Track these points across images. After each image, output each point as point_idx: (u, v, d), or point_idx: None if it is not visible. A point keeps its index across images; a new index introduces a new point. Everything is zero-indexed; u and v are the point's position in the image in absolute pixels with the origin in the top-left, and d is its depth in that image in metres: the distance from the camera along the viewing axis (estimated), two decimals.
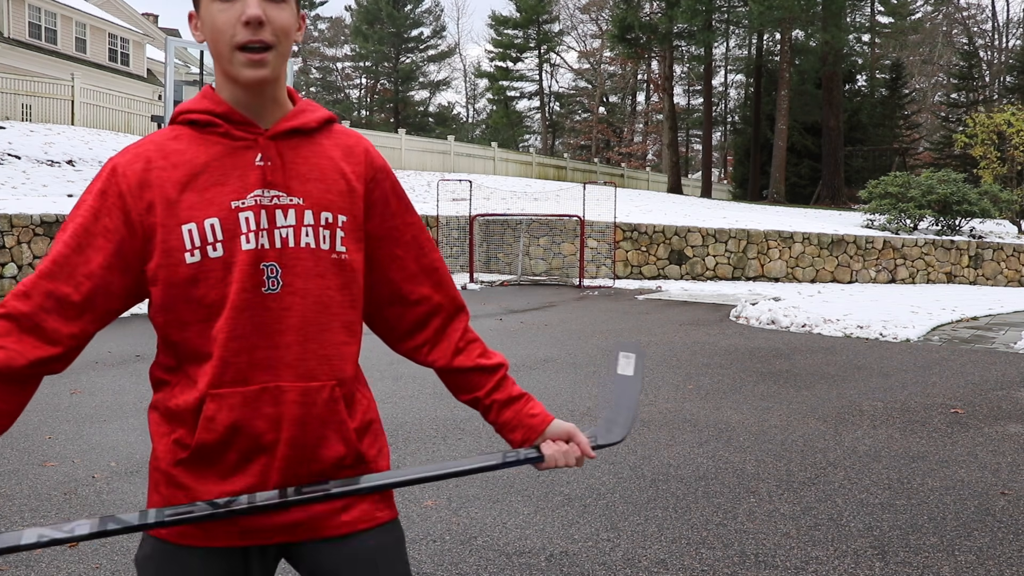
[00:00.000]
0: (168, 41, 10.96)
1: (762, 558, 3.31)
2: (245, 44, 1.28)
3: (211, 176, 1.32)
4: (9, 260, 10.09)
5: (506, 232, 17.73)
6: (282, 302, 1.32)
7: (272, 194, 1.33)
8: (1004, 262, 16.76)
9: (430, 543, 3.41)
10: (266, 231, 1.32)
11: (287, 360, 1.32)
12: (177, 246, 1.29)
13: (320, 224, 1.35)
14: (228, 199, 1.31)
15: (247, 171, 1.33)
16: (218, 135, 1.34)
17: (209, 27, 1.31)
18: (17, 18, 25.64)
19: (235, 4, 1.28)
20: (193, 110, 1.36)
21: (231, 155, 1.33)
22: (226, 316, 1.30)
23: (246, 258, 1.30)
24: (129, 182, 1.30)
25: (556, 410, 5.70)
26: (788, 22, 33.54)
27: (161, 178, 1.30)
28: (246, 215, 1.31)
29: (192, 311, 1.31)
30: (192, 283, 1.30)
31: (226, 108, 1.34)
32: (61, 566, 3.15)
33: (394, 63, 56.40)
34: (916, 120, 49.54)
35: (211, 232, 1.30)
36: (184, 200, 1.30)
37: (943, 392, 6.46)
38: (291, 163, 1.36)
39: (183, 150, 1.33)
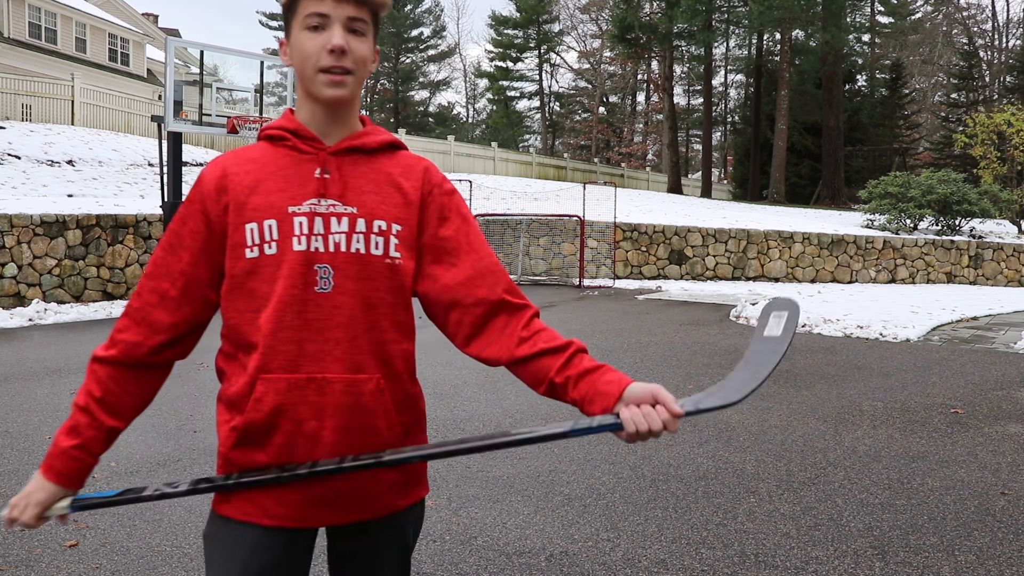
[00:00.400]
0: (168, 41, 10.95)
1: (762, 558, 3.31)
2: (329, 68, 1.46)
3: (275, 183, 1.48)
4: (9, 260, 10.09)
5: (506, 232, 17.73)
6: (333, 300, 1.45)
7: (328, 203, 1.47)
8: (1004, 262, 16.76)
9: (430, 543, 3.41)
10: (320, 235, 1.46)
11: (336, 354, 1.44)
12: (240, 242, 1.46)
13: (372, 232, 1.48)
14: (286, 204, 1.46)
15: (307, 181, 1.48)
16: (287, 148, 1.51)
17: (298, 52, 1.49)
18: (17, 18, 25.64)
19: (322, 34, 1.47)
20: (271, 127, 1.55)
21: (295, 165, 1.49)
22: (272, 308, 1.44)
23: (296, 258, 1.44)
24: (209, 188, 1.49)
25: (556, 410, 5.70)
26: (788, 22, 33.54)
27: (234, 183, 1.48)
28: (299, 219, 1.46)
29: (246, 301, 1.46)
30: (249, 275, 1.46)
31: (297, 125, 1.51)
32: (61, 566, 3.15)
33: (394, 63, 56.41)
34: (916, 120, 49.54)
35: (268, 232, 1.45)
36: (250, 202, 1.47)
37: (943, 392, 6.46)
38: (349, 176, 1.50)
39: (256, 159, 1.51)
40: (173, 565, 3.18)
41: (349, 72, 1.47)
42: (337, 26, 1.47)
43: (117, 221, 11.21)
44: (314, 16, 1.47)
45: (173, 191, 11.14)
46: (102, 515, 3.67)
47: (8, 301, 10.01)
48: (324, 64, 1.46)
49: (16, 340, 8.28)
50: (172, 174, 11.14)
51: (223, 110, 11.55)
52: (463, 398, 6.00)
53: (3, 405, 5.62)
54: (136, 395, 1.54)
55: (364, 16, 1.50)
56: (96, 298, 10.91)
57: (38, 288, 10.33)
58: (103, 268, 11.00)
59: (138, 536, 3.45)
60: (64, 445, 1.49)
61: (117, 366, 1.51)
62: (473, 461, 4.52)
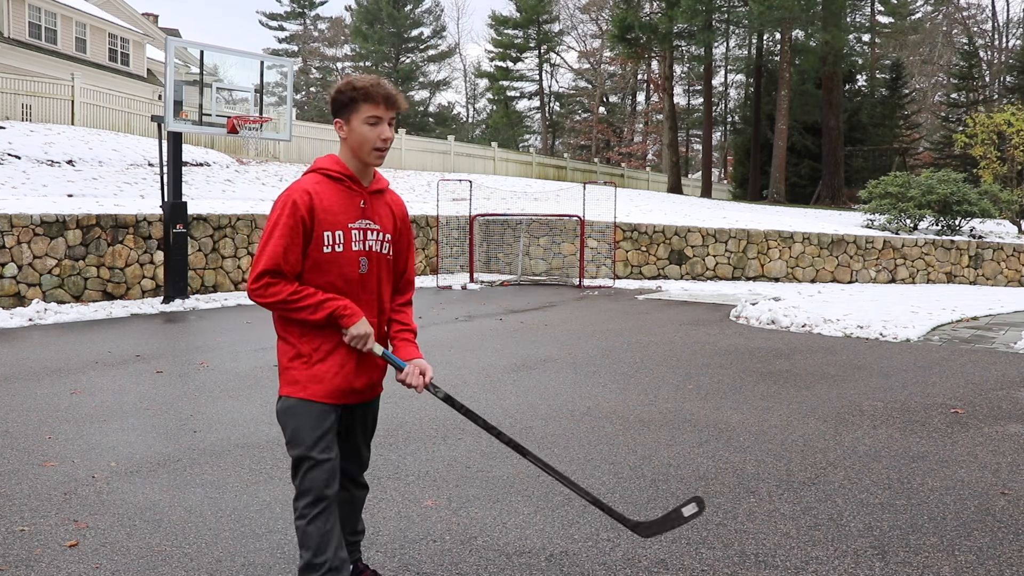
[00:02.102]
0: (168, 41, 10.94)
1: (762, 558, 3.31)
2: (380, 148, 2.63)
3: (339, 208, 2.62)
4: (9, 260, 10.09)
5: (506, 232, 17.73)
6: (368, 277, 2.68)
7: (367, 222, 2.67)
8: (1004, 262, 16.76)
9: (430, 543, 3.41)
10: (363, 241, 2.66)
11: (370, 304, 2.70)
12: (319, 241, 2.58)
13: (384, 240, 2.72)
14: (346, 222, 2.62)
15: (356, 208, 2.65)
16: (344, 186, 2.65)
17: (359, 135, 2.60)
18: (17, 18, 25.63)
19: (376, 128, 2.60)
20: (331, 169, 2.65)
21: (349, 198, 2.65)
22: (340, 281, 2.62)
23: (353, 255, 2.64)
24: (305, 206, 2.56)
25: (556, 410, 5.70)
26: (788, 22, 33.53)
27: (316, 204, 2.58)
28: (354, 231, 2.64)
29: (321, 275, 2.60)
30: (326, 261, 2.60)
31: (350, 172, 2.66)
32: (61, 566, 3.15)
33: (394, 63, 56.39)
34: (916, 120, 49.54)
35: (336, 237, 2.60)
36: (326, 218, 2.58)
37: (943, 392, 6.46)
38: (376, 207, 2.71)
39: (326, 192, 2.61)
40: (173, 565, 3.18)
41: (388, 150, 2.65)
42: (385, 124, 2.61)
43: (117, 221, 11.21)
44: (372, 117, 2.59)
45: (173, 191, 11.14)
46: (102, 515, 3.67)
47: (8, 301, 10.01)
48: (378, 146, 2.61)
49: (16, 340, 8.28)
50: (172, 174, 11.13)
51: (223, 110, 11.54)
52: (463, 398, 6.00)
53: (3, 405, 5.62)
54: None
55: (395, 114, 2.64)
56: (96, 298, 10.91)
57: (38, 288, 10.33)
58: (103, 268, 11.00)
59: (138, 536, 3.45)
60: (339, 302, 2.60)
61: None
62: (473, 461, 4.52)
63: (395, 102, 2.59)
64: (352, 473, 2.84)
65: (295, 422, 2.57)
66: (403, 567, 3.18)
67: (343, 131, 2.61)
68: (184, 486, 4.06)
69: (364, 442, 2.86)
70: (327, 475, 2.57)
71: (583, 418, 5.50)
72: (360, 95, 2.56)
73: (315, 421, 2.57)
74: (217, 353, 7.69)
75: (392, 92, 2.59)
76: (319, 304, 2.54)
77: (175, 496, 3.92)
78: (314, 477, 2.55)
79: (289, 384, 2.60)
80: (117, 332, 8.90)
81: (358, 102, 2.56)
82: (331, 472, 2.58)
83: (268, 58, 12.06)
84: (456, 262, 16.97)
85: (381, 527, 3.57)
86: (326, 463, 2.57)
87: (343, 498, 2.82)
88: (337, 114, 2.61)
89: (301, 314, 2.54)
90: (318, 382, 2.58)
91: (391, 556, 3.28)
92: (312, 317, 2.54)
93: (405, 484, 4.13)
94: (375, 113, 2.56)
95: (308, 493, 2.56)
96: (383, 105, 2.57)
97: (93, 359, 7.30)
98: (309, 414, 2.57)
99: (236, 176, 19.82)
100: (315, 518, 2.55)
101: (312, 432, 2.56)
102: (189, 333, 9.11)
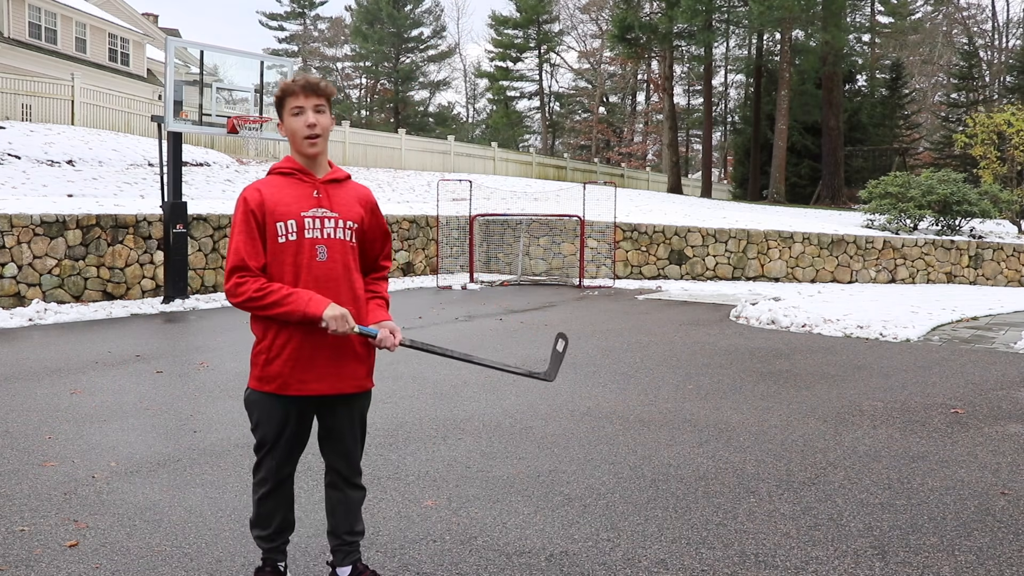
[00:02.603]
0: (168, 41, 10.94)
1: (762, 558, 3.31)
2: (308, 136, 2.71)
3: (291, 199, 2.71)
4: (9, 260, 10.09)
5: (506, 232, 17.73)
6: (330, 264, 2.72)
7: (322, 211, 2.73)
8: (1004, 262, 16.76)
9: (430, 543, 3.41)
10: (319, 228, 2.71)
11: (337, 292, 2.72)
12: (273, 233, 2.68)
13: (346, 227, 2.76)
14: (299, 211, 2.70)
15: (309, 197, 2.74)
16: (295, 179, 2.75)
17: (290, 128, 2.73)
18: (17, 18, 25.63)
19: (300, 116, 2.71)
20: (281, 167, 2.78)
21: (301, 188, 2.74)
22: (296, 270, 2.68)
23: (307, 243, 2.70)
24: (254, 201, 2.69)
25: (556, 410, 5.71)
26: (788, 22, 33.53)
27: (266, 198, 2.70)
28: (307, 219, 2.70)
29: (279, 266, 2.69)
30: (281, 251, 2.68)
31: (299, 166, 2.77)
32: (61, 566, 3.15)
33: (394, 63, 56.38)
34: (916, 120, 49.54)
35: (289, 226, 2.68)
36: (277, 209, 2.68)
37: (943, 392, 6.46)
38: (333, 196, 2.78)
39: (277, 186, 2.74)
40: (173, 565, 3.18)
41: (318, 136, 2.72)
42: (309, 111, 2.70)
43: (117, 221, 11.21)
44: (295, 108, 2.71)
45: (173, 191, 11.14)
46: (102, 515, 3.67)
47: (8, 301, 10.01)
48: (306, 134, 2.70)
49: (16, 340, 8.28)
50: (172, 174, 11.13)
51: (223, 110, 11.54)
52: (463, 398, 6.00)
53: (3, 405, 5.62)
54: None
55: (322, 102, 2.72)
56: (96, 298, 10.91)
57: (38, 288, 10.33)
58: (103, 268, 11.00)
59: (138, 536, 3.44)
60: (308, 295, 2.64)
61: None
62: (473, 461, 4.52)
63: (315, 88, 2.69)
64: (344, 472, 2.87)
65: (258, 413, 2.76)
66: (403, 567, 3.18)
67: (282, 130, 2.76)
68: (184, 486, 4.06)
69: (351, 440, 2.86)
70: (278, 463, 2.78)
71: (583, 418, 5.50)
72: (283, 91, 2.71)
73: (274, 414, 2.73)
74: (217, 353, 7.69)
75: (311, 80, 2.70)
76: (284, 298, 2.60)
77: (175, 496, 3.92)
78: (268, 465, 2.79)
79: (254, 377, 2.75)
80: (117, 332, 8.90)
81: (284, 98, 2.71)
82: (283, 460, 2.79)
83: (268, 58, 12.06)
84: (456, 262, 16.96)
85: (381, 527, 3.57)
86: (282, 453, 2.78)
87: (337, 498, 2.88)
88: (278, 117, 2.78)
89: (269, 310, 2.62)
90: (275, 378, 2.70)
91: (391, 556, 3.28)
92: (279, 311, 2.61)
93: (405, 484, 4.13)
94: (296, 103, 2.69)
95: (260, 471, 2.82)
96: (302, 94, 2.68)
97: (93, 359, 7.30)
98: (271, 407, 2.73)
99: (236, 176, 19.82)
100: (263, 497, 2.82)
101: (272, 424, 2.74)
102: (189, 333, 9.11)
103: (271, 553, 2.92)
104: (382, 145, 28.26)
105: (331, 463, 2.87)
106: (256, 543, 2.95)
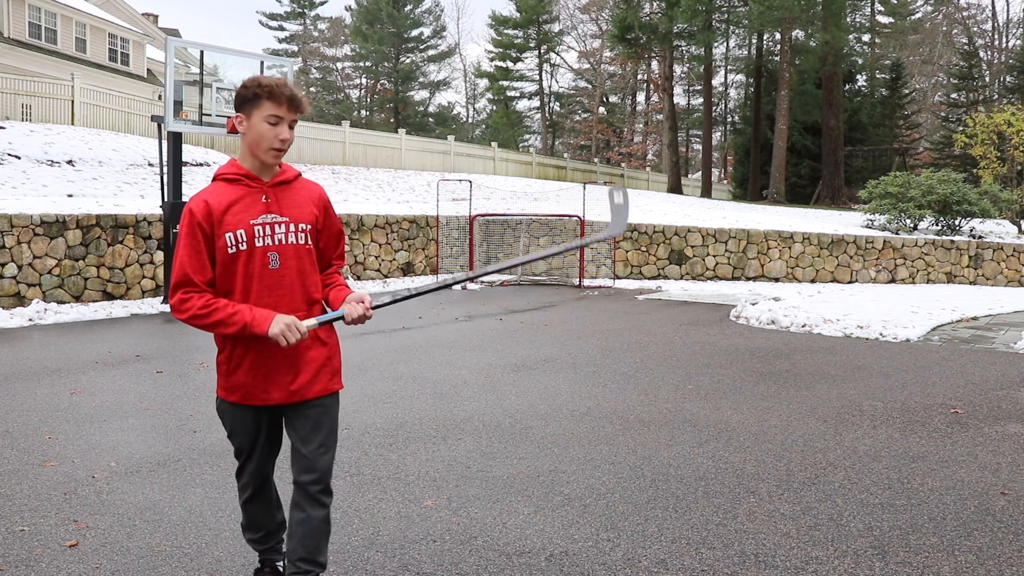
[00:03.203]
0: (168, 41, 10.94)
1: (762, 558, 3.31)
2: (278, 148, 2.58)
3: (240, 206, 2.57)
4: (9, 260, 10.09)
5: (506, 232, 17.73)
6: (283, 271, 2.60)
7: (271, 217, 2.59)
8: (1004, 262, 16.76)
9: (430, 543, 3.41)
10: (270, 236, 2.58)
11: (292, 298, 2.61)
12: (223, 244, 2.54)
13: (299, 231, 2.63)
14: (248, 219, 2.56)
15: (258, 204, 2.59)
16: (242, 186, 2.60)
17: (257, 133, 2.56)
18: (17, 18, 25.63)
19: (276, 127, 2.55)
20: (227, 172, 2.62)
21: (249, 195, 2.60)
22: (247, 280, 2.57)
23: (258, 251, 2.56)
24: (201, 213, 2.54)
25: (556, 410, 5.70)
26: (788, 22, 33.54)
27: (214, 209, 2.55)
28: (257, 227, 2.56)
29: (229, 276, 2.56)
30: (232, 262, 2.55)
31: (245, 171, 2.62)
32: (61, 566, 3.15)
33: (394, 63, 56.37)
34: (916, 120, 49.55)
35: (239, 236, 2.55)
36: (226, 220, 2.54)
37: (943, 392, 6.46)
38: (282, 199, 2.64)
39: (224, 195, 2.58)
40: (173, 565, 3.18)
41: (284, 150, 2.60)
42: (285, 125, 2.56)
43: (117, 221, 11.21)
44: (273, 116, 2.54)
45: (173, 191, 11.13)
46: (102, 515, 3.67)
47: (8, 301, 10.01)
48: (276, 146, 2.57)
49: (16, 340, 8.28)
50: (172, 174, 11.13)
51: (223, 110, 11.53)
52: (463, 398, 6.00)
53: (3, 405, 5.62)
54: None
55: (296, 118, 2.60)
56: (96, 298, 10.91)
57: (38, 288, 10.33)
58: (103, 268, 11.00)
59: (138, 536, 3.44)
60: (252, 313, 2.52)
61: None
62: (473, 461, 4.52)
63: (299, 105, 2.57)
64: (306, 486, 2.63)
65: (228, 421, 2.76)
66: (403, 567, 3.18)
67: (243, 126, 2.58)
68: (184, 486, 4.06)
69: (313, 449, 2.65)
70: (257, 466, 2.79)
71: (583, 418, 5.50)
72: (265, 92, 2.53)
73: (245, 422, 2.72)
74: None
75: (297, 95, 2.56)
76: (228, 317, 2.50)
77: (175, 496, 3.92)
78: (248, 469, 2.80)
79: (220, 387, 2.71)
80: (117, 332, 8.90)
81: (261, 99, 2.53)
82: (263, 464, 2.80)
83: (268, 58, 12.05)
84: (456, 262, 16.97)
85: (381, 527, 3.57)
86: (259, 460, 2.79)
87: (297, 518, 2.64)
88: (239, 108, 2.58)
89: (216, 328, 2.53)
90: (236, 388, 2.65)
91: (391, 556, 3.28)
92: (226, 330, 2.52)
93: (405, 484, 4.13)
94: (277, 112, 2.53)
95: (242, 476, 2.83)
96: (286, 106, 2.54)
97: (93, 359, 7.30)
98: (239, 416, 2.71)
99: None
100: (248, 501, 2.85)
101: (244, 433, 2.74)
102: (189, 333, 9.10)
103: (267, 554, 2.93)
104: (382, 145, 28.26)
105: (295, 475, 2.67)
106: (250, 546, 2.95)
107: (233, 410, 2.70)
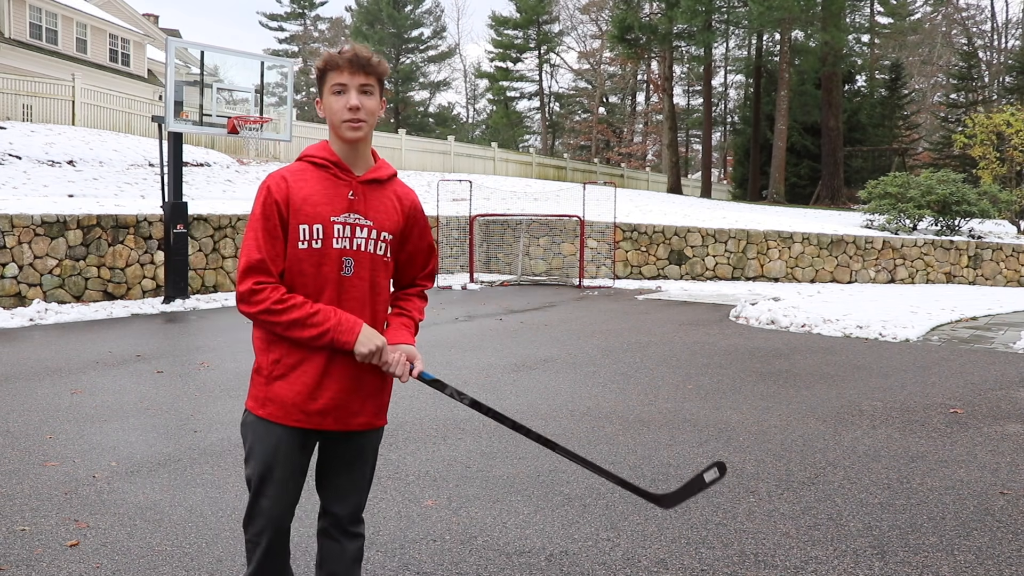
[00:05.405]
0: (169, 41, 10.95)
1: (762, 558, 3.31)
2: (347, 119, 2.23)
3: (321, 198, 2.25)
4: (10, 260, 10.09)
5: (506, 232, 17.73)
6: (355, 281, 2.28)
7: (355, 217, 2.27)
8: (1003, 262, 16.76)
9: (430, 543, 3.42)
10: (348, 239, 2.26)
11: (357, 315, 2.26)
12: (295, 237, 2.23)
13: (379, 239, 2.31)
14: (329, 214, 2.24)
15: (343, 199, 2.27)
16: (329, 174, 2.28)
17: (328, 108, 2.26)
18: (18, 18, 25.63)
19: (343, 96, 2.24)
20: (315, 155, 2.30)
21: (335, 187, 2.27)
22: (319, 283, 2.24)
23: (334, 253, 2.25)
24: (280, 193, 2.23)
25: (556, 410, 5.71)
26: (788, 22, 33.53)
27: (293, 193, 2.23)
28: (337, 226, 2.25)
29: (296, 276, 2.24)
30: (299, 260, 2.23)
31: (336, 158, 2.29)
32: (61, 566, 3.16)
33: (394, 63, 56.33)
34: (916, 120, 49.54)
35: (315, 232, 2.23)
36: (303, 209, 2.23)
37: (943, 392, 6.47)
38: (369, 199, 2.31)
39: (308, 179, 2.27)
40: (173, 565, 3.18)
41: (362, 121, 2.24)
42: (353, 91, 2.23)
43: (118, 221, 11.21)
44: (337, 85, 2.24)
45: (173, 191, 11.14)
46: (103, 515, 3.67)
47: (9, 301, 10.02)
48: (345, 117, 2.23)
49: (16, 340, 8.29)
50: (172, 174, 11.14)
51: (223, 110, 11.54)
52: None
53: (3, 405, 5.62)
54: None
55: (371, 82, 2.25)
56: (96, 298, 10.91)
57: (39, 288, 10.34)
58: (104, 268, 11.00)
59: (138, 536, 3.45)
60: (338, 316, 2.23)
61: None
62: (473, 461, 4.52)
63: (363, 64, 2.22)
64: (340, 518, 2.40)
65: (252, 440, 2.30)
66: (403, 567, 3.19)
67: (321, 110, 2.32)
68: (184, 486, 4.07)
69: (354, 483, 2.39)
70: (281, 508, 2.29)
71: (583, 418, 5.51)
72: (326, 64, 2.26)
73: (271, 445, 2.26)
74: (217, 353, 7.69)
75: (362, 54, 2.23)
76: (308, 318, 2.17)
77: (175, 496, 3.93)
78: (264, 506, 2.28)
79: (251, 397, 2.31)
80: (117, 332, 8.90)
81: (326, 72, 2.26)
82: (286, 505, 2.30)
83: (268, 58, 12.07)
84: (456, 262, 16.97)
85: (381, 527, 3.58)
86: (280, 494, 2.28)
87: (329, 549, 2.41)
88: (319, 94, 2.33)
89: (288, 329, 2.18)
90: (274, 402, 2.25)
91: (391, 556, 3.29)
92: (302, 335, 2.18)
93: (405, 484, 4.14)
94: (339, 80, 2.23)
95: (254, 521, 2.31)
96: (347, 70, 2.22)
97: (94, 359, 7.31)
98: (268, 435, 2.26)
99: (236, 176, 19.82)
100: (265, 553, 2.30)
101: (266, 456, 2.27)
102: (189, 333, 9.11)
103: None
104: (382, 145, 28.25)
105: (327, 505, 2.41)
106: None
107: (262, 426, 2.27)
